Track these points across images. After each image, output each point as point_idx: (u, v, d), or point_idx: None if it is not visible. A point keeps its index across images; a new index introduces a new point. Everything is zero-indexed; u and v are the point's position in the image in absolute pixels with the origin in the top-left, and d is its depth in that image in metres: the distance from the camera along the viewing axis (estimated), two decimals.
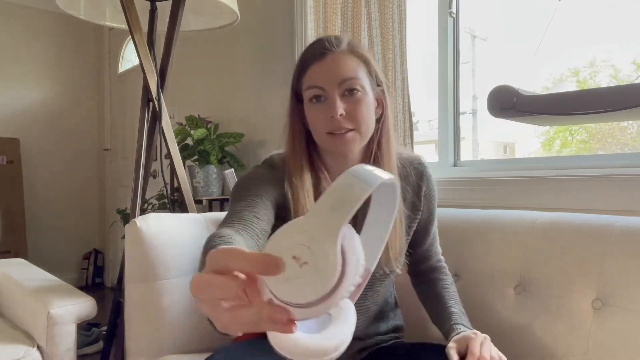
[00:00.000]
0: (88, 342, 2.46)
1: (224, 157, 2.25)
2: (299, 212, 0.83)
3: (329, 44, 0.84)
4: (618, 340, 0.92)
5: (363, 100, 0.83)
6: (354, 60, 0.84)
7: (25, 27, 3.68)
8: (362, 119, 0.83)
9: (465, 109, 1.78)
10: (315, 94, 0.83)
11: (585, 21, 1.56)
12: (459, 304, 0.96)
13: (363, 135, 0.85)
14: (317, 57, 0.84)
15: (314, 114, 0.85)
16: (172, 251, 1.13)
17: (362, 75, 0.84)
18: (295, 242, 0.35)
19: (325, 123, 0.83)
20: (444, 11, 1.65)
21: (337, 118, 0.81)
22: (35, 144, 3.71)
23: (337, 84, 0.82)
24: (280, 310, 0.33)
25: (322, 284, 0.35)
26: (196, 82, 2.80)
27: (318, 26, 1.72)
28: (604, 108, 1.10)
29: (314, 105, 0.84)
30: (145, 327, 1.12)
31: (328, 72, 0.83)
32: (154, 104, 1.66)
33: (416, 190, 0.96)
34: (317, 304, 0.35)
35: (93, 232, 4.09)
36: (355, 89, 0.83)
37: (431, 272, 1.05)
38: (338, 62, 0.83)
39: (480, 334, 0.83)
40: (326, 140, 0.85)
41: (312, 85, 0.84)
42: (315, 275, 0.35)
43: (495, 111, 1.31)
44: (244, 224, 0.75)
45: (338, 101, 0.81)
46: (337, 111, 0.81)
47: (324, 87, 0.82)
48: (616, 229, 0.98)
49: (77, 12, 1.73)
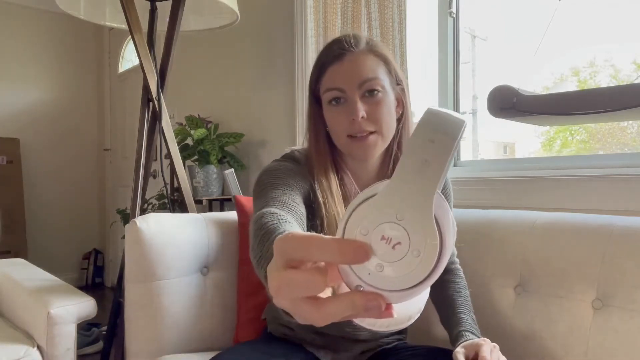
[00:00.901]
0: (88, 342, 2.46)
1: (224, 157, 2.25)
2: (331, 220, 0.81)
3: (347, 44, 0.82)
4: (618, 340, 0.92)
5: (384, 101, 0.82)
6: (374, 59, 0.82)
7: (25, 27, 3.68)
8: (384, 120, 0.81)
9: (465, 109, 1.78)
10: (334, 96, 0.81)
11: (586, 21, 1.56)
12: (471, 311, 0.95)
13: (385, 137, 0.83)
14: (335, 57, 0.82)
15: (333, 117, 0.83)
16: (172, 251, 1.13)
17: (382, 75, 0.82)
18: (382, 219, 0.30)
19: (346, 126, 0.81)
20: (444, 11, 1.65)
21: (358, 121, 0.79)
22: (35, 144, 3.71)
23: (357, 85, 0.80)
24: (375, 297, 0.30)
25: (422, 267, 0.30)
26: (196, 82, 2.80)
27: (318, 26, 1.72)
28: (604, 108, 1.10)
29: (333, 108, 0.82)
30: (145, 327, 1.12)
31: (347, 73, 0.80)
32: (154, 104, 1.66)
33: None
34: (415, 286, 0.30)
35: (93, 232, 4.09)
36: (375, 89, 0.80)
37: (445, 273, 1.04)
38: (357, 63, 0.81)
39: (489, 341, 0.81)
40: (347, 144, 0.83)
41: (331, 87, 0.82)
42: (412, 258, 0.30)
43: (495, 111, 1.30)
44: (287, 207, 0.69)
45: (359, 103, 0.79)
46: (358, 113, 0.79)
47: (344, 88, 0.80)
48: (616, 229, 0.98)
49: (77, 12, 1.73)
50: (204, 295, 1.18)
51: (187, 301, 1.15)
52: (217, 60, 2.63)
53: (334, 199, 0.82)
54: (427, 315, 1.04)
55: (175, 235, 1.16)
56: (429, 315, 1.04)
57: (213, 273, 1.21)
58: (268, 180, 0.79)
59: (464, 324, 0.90)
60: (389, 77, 0.84)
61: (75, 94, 3.97)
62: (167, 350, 1.12)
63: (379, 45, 0.85)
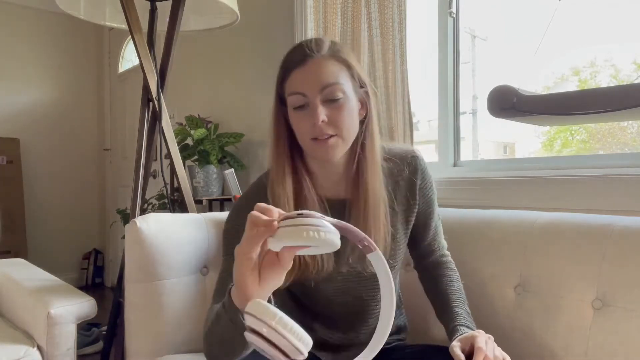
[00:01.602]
0: (88, 342, 2.47)
1: (224, 157, 2.25)
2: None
3: (309, 49, 0.84)
4: (618, 340, 0.92)
5: (345, 105, 0.84)
6: (336, 64, 0.84)
7: (25, 27, 3.68)
8: (344, 124, 0.84)
9: (465, 109, 1.78)
10: (298, 102, 0.84)
11: (586, 21, 1.56)
12: (465, 303, 0.96)
13: (346, 139, 0.85)
14: (298, 62, 0.84)
15: (298, 121, 0.85)
16: (172, 251, 1.13)
17: (343, 79, 0.84)
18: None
19: (308, 129, 0.83)
20: (444, 11, 1.65)
21: (318, 124, 0.81)
22: (35, 144, 3.72)
23: (318, 90, 0.82)
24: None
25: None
26: (196, 82, 2.80)
27: (318, 26, 1.72)
28: (604, 108, 1.10)
29: (297, 113, 0.85)
30: (145, 327, 1.12)
31: (309, 79, 0.82)
32: (154, 104, 1.66)
33: (410, 184, 0.96)
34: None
35: (93, 232, 4.09)
36: (336, 94, 0.83)
37: (436, 267, 1.04)
38: (319, 68, 0.83)
39: (484, 333, 0.83)
40: (310, 146, 0.85)
41: (294, 91, 0.84)
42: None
43: (495, 111, 1.30)
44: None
45: (320, 107, 0.82)
46: (319, 118, 0.81)
47: (306, 93, 0.82)
48: (616, 229, 0.98)
49: (77, 12, 1.73)
50: (204, 295, 1.18)
51: (187, 301, 1.15)
52: (217, 60, 2.63)
53: (285, 202, 0.85)
54: (427, 316, 1.04)
55: (175, 235, 1.16)
56: (428, 315, 1.04)
57: (213, 273, 1.21)
58: (225, 241, 0.92)
59: (459, 318, 0.91)
60: (351, 81, 0.86)
61: (75, 94, 3.97)
62: (167, 350, 1.12)
63: (342, 50, 0.87)
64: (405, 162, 0.96)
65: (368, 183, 0.87)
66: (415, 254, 1.06)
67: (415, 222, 0.99)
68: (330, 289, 0.93)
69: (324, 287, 0.92)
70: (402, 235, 0.96)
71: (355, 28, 1.63)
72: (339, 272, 0.91)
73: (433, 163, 1.69)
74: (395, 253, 0.95)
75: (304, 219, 0.54)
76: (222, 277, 0.89)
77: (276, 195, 0.86)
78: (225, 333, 0.67)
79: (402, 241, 0.97)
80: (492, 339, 0.82)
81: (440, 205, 1.06)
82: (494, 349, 0.79)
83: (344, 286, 0.93)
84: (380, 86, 1.60)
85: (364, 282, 0.93)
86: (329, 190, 0.92)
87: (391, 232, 0.93)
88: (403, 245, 0.98)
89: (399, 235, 0.95)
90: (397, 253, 0.95)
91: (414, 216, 0.98)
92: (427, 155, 2.06)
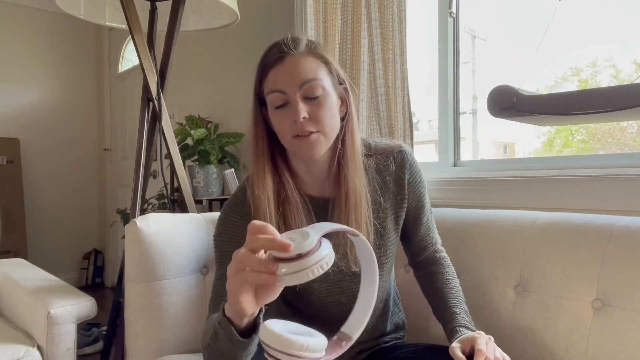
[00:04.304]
0: (88, 342, 2.47)
1: (224, 157, 2.25)
2: (259, 217, 0.84)
3: (286, 47, 0.84)
4: (618, 340, 0.92)
5: (325, 101, 0.84)
6: (314, 61, 0.84)
7: (25, 27, 3.68)
8: (326, 120, 0.84)
9: (465, 109, 1.78)
10: (278, 101, 0.84)
11: (586, 21, 1.56)
12: (462, 302, 0.96)
13: (328, 136, 0.85)
14: (276, 60, 0.84)
15: (279, 120, 0.85)
16: (172, 251, 1.13)
17: (322, 75, 0.84)
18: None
19: (289, 127, 0.83)
20: (444, 11, 1.65)
21: (300, 121, 0.81)
22: (35, 144, 3.72)
23: (297, 86, 0.82)
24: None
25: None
26: (196, 82, 2.80)
27: (318, 26, 1.72)
28: (604, 108, 1.10)
29: (277, 112, 0.84)
30: (145, 327, 1.12)
31: (288, 76, 0.82)
32: (154, 104, 1.66)
33: (398, 179, 0.96)
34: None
35: (93, 232, 4.09)
36: (316, 90, 0.83)
37: (430, 264, 1.04)
38: (297, 65, 0.83)
39: (484, 334, 0.83)
40: (292, 144, 0.85)
41: (273, 89, 0.84)
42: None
43: (495, 111, 1.31)
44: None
45: (300, 104, 0.82)
46: (300, 115, 0.81)
47: (285, 90, 0.82)
48: (616, 229, 0.98)
49: (77, 12, 1.74)
50: (204, 295, 1.18)
51: (187, 301, 1.15)
52: (218, 60, 2.63)
53: (265, 202, 0.85)
54: (426, 315, 1.04)
55: (175, 235, 1.16)
56: (427, 315, 1.04)
57: (213, 273, 1.21)
58: (217, 249, 0.93)
59: (458, 319, 0.90)
60: (330, 78, 0.86)
61: (75, 94, 3.97)
62: (167, 350, 1.12)
63: (318, 46, 0.87)
64: (392, 157, 0.96)
65: (349, 179, 0.87)
66: (409, 250, 1.06)
67: (406, 217, 0.99)
68: (323, 289, 0.93)
69: (316, 288, 0.92)
70: (393, 231, 0.96)
71: (355, 28, 1.63)
72: (330, 271, 0.91)
73: (433, 163, 1.69)
74: (385, 249, 0.94)
75: (304, 261, 0.52)
76: (216, 285, 0.90)
77: (255, 196, 0.86)
78: (224, 348, 0.68)
79: (392, 237, 0.96)
80: (492, 339, 0.82)
81: (441, 205, 1.06)
82: (494, 350, 0.79)
83: (336, 286, 0.93)
84: (380, 86, 1.60)
85: (355, 280, 0.93)
86: (312, 188, 0.93)
87: (379, 228, 0.93)
88: (394, 241, 0.97)
89: (388, 231, 0.95)
90: (387, 249, 0.95)
91: (404, 211, 0.97)
92: (427, 155, 2.06)
